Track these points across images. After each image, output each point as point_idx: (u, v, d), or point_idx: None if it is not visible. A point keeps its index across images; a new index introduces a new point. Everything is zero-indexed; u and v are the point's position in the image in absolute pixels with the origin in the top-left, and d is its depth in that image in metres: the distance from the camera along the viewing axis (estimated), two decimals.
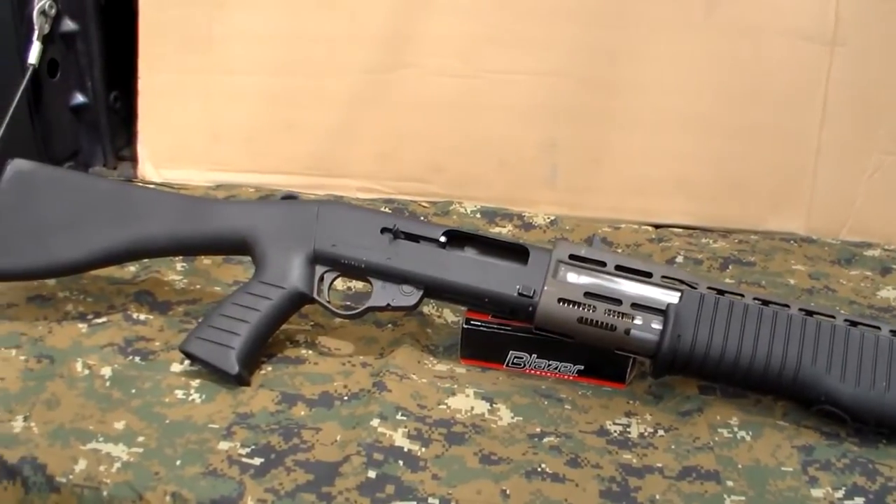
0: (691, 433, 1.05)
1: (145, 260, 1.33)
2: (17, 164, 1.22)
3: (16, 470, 0.98)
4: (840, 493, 0.97)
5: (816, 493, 0.97)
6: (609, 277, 1.10)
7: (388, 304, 1.14)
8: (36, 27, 1.57)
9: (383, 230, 1.15)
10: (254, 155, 1.69)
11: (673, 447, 1.03)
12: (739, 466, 1.00)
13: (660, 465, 1.00)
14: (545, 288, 1.09)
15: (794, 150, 1.58)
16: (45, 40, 1.59)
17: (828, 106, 1.55)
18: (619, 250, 1.49)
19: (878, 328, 1.07)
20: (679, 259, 1.46)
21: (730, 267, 1.45)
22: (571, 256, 1.11)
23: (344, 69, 1.64)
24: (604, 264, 1.11)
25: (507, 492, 0.95)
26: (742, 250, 1.50)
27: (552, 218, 1.58)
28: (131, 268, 1.36)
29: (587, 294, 1.08)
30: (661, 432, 1.06)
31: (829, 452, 1.02)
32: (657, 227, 1.59)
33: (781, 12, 1.54)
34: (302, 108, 1.66)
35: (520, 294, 1.10)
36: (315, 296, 1.15)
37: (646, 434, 1.05)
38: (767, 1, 1.54)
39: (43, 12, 1.58)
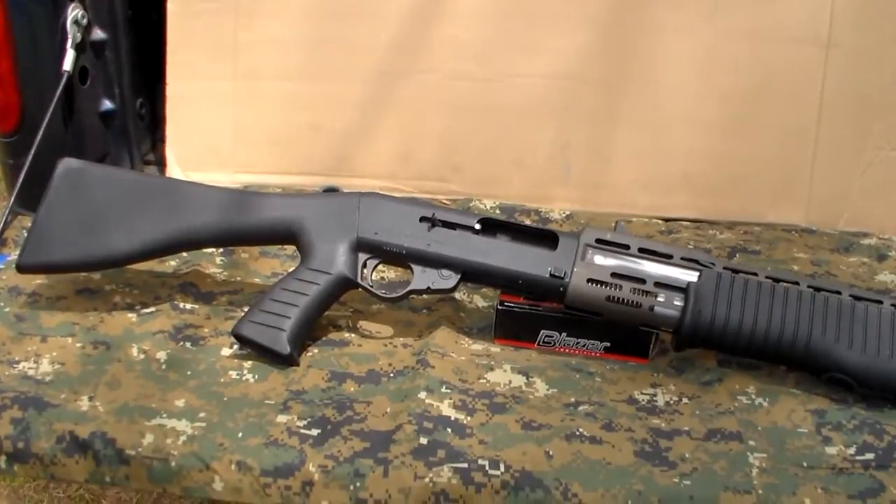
0: (713, 400, 1.14)
1: (185, 255, 1.41)
2: (67, 163, 1.29)
3: (87, 444, 1.05)
4: (852, 450, 1.05)
5: (830, 450, 1.06)
6: (633, 259, 1.19)
7: (429, 287, 1.22)
8: (70, 36, 1.64)
9: (422, 219, 1.23)
10: (278, 157, 1.76)
11: (697, 413, 1.12)
12: (759, 428, 1.09)
13: (686, 428, 1.09)
14: (575, 269, 1.18)
15: (793, 146, 1.66)
16: (78, 49, 1.66)
17: (824, 105, 1.63)
18: None
19: (881, 302, 1.16)
20: None
21: (736, 256, 1.53)
22: (598, 241, 1.20)
23: (364, 73, 1.71)
24: (628, 247, 1.19)
25: (550, 453, 1.03)
26: (747, 240, 1.59)
27: (567, 213, 1.66)
28: (172, 262, 1.43)
29: (614, 274, 1.17)
30: (685, 400, 1.14)
31: (839, 415, 1.11)
32: (666, 220, 1.67)
33: (779, 17, 1.62)
34: (324, 112, 1.73)
35: (552, 275, 1.18)
36: (359, 281, 1.23)
37: (671, 402, 1.14)
38: (766, 6, 1.62)
39: (76, 21, 1.64)
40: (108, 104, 1.81)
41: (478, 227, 1.23)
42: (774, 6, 1.63)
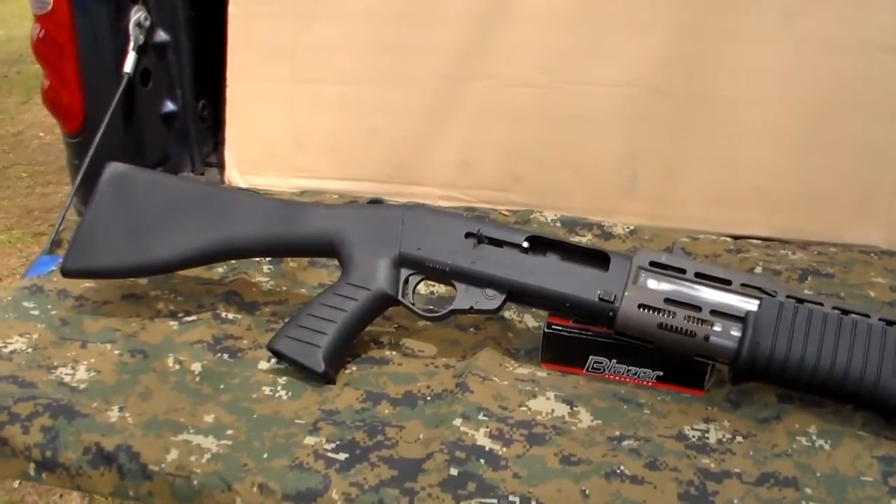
0: (769, 440, 1.06)
1: (233, 262, 1.38)
2: (113, 167, 1.28)
3: (112, 457, 1.03)
4: None
5: None
6: (689, 284, 1.11)
7: (472, 307, 1.16)
8: (132, 38, 1.64)
9: (467, 235, 1.17)
10: (336, 162, 1.74)
11: (751, 453, 1.04)
12: (818, 474, 1.00)
13: (738, 470, 1.01)
14: (626, 294, 1.11)
15: (874, 162, 1.56)
16: (140, 51, 1.65)
17: None
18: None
19: None
20: (758, 270, 1.46)
21: (809, 278, 1.44)
22: (652, 263, 1.13)
23: (425, 79, 1.67)
24: (684, 271, 1.12)
25: (587, 492, 0.96)
26: (821, 262, 1.50)
27: (631, 228, 1.59)
28: (220, 269, 1.40)
29: (667, 300, 1.10)
30: (739, 438, 1.06)
31: None
32: (735, 237, 1.58)
33: (863, 24, 1.53)
34: (384, 117, 1.70)
35: (601, 299, 1.11)
36: (400, 298, 1.18)
37: (724, 440, 1.06)
38: (850, 13, 1.53)
39: (138, 24, 1.65)
40: (170, 106, 1.81)
41: (525, 244, 1.17)
42: (858, 13, 1.53)
